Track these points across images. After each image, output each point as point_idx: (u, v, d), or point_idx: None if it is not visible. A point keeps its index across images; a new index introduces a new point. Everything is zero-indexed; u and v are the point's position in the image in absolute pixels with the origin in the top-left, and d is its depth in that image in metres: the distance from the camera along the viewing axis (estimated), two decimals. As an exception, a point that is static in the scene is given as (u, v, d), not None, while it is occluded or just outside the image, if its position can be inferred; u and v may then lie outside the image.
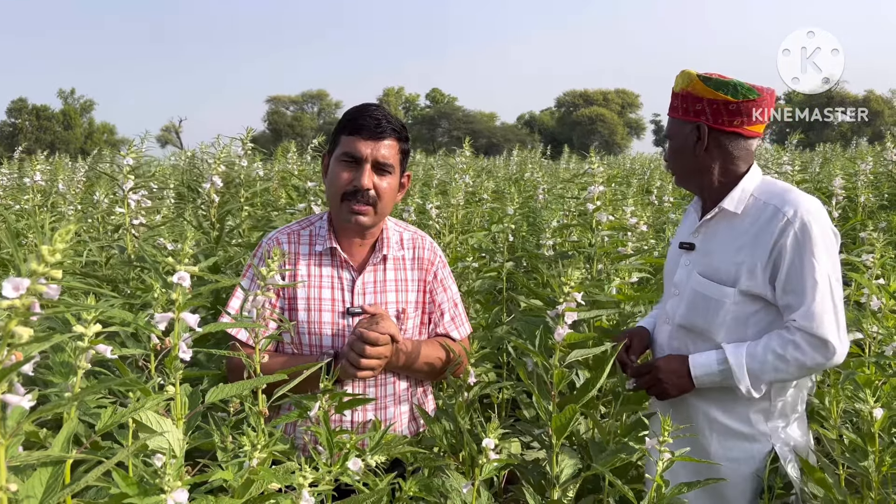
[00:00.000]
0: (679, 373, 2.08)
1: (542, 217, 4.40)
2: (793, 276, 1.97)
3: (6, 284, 0.78)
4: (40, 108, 64.13)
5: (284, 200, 4.54)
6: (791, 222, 1.98)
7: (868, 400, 1.87)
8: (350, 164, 2.08)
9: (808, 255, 1.96)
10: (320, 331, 2.08)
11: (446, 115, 77.87)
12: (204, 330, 1.19)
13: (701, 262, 2.13)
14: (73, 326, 1.05)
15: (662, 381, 2.10)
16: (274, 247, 2.14)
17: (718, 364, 2.04)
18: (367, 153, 2.06)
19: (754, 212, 2.06)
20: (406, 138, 2.17)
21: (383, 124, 2.08)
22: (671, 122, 2.20)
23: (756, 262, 2.01)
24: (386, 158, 2.08)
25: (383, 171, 2.09)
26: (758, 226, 2.03)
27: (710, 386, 2.07)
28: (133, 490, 0.98)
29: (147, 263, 2.98)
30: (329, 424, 1.54)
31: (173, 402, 1.19)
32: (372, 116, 2.09)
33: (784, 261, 1.98)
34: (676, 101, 2.16)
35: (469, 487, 1.63)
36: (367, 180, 2.06)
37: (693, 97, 2.09)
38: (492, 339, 3.22)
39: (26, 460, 0.87)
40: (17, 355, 0.81)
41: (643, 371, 2.16)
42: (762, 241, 2.01)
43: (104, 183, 4.70)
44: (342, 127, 2.13)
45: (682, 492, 1.67)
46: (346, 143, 2.09)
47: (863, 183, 5.22)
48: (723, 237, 2.10)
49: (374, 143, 2.07)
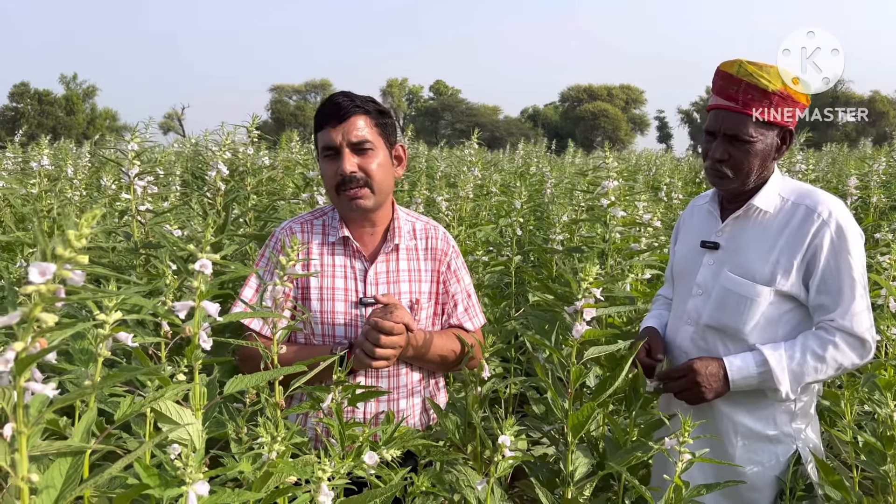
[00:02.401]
0: (717, 376, 2.01)
1: (550, 212, 4.37)
2: (828, 277, 1.94)
3: (33, 269, 0.75)
4: (42, 92, 63.96)
5: (291, 189, 4.51)
6: (826, 223, 1.95)
7: (889, 403, 1.84)
8: (331, 157, 2.07)
9: (845, 255, 1.93)
10: (333, 320, 2.06)
11: (450, 108, 77.70)
12: (225, 319, 1.17)
13: (730, 261, 2.08)
14: (95, 313, 1.02)
15: (700, 385, 2.01)
16: (286, 236, 2.12)
17: (757, 367, 1.98)
18: (339, 139, 2.04)
19: (784, 211, 2.03)
20: (380, 111, 2.13)
21: (344, 105, 2.06)
22: (750, 122, 1.98)
23: (792, 263, 1.97)
24: (359, 137, 2.05)
25: (363, 151, 2.06)
26: (791, 226, 2.00)
27: (745, 389, 2.01)
28: (154, 481, 0.96)
29: (155, 250, 2.96)
30: (342, 417, 1.52)
31: (191, 392, 1.17)
32: (333, 102, 2.08)
33: (819, 261, 1.95)
34: (764, 100, 1.97)
35: (484, 484, 1.61)
36: (348, 165, 2.04)
37: (791, 100, 1.98)
38: (501, 334, 3.19)
39: (47, 450, 0.84)
40: (42, 342, 0.78)
41: (677, 375, 2.07)
42: (796, 241, 1.98)
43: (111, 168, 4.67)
44: (315, 125, 2.13)
45: (701, 493, 1.64)
46: (321, 138, 2.09)
47: (875, 183, 5.19)
48: (752, 236, 2.06)
49: (343, 127, 2.05)
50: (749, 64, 1.98)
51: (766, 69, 1.97)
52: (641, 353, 2.14)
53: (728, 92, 2.01)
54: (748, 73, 1.97)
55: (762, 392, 2.03)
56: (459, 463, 1.97)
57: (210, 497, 1.01)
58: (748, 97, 1.97)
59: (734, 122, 1.99)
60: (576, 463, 1.95)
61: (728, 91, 2.01)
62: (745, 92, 1.98)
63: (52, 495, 0.89)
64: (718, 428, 2.08)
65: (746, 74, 1.97)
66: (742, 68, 1.98)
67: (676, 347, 2.20)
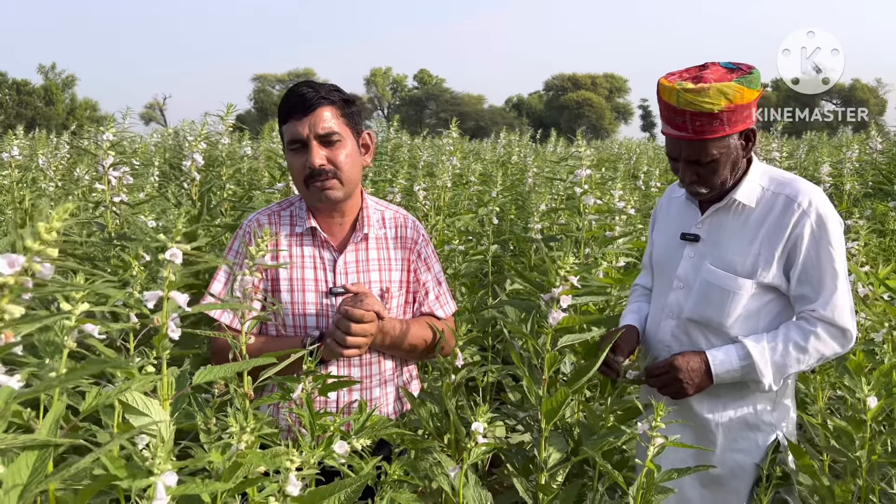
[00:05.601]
0: (699, 371, 2.00)
1: (530, 200, 4.39)
2: (810, 267, 1.95)
3: (1, 260, 0.75)
4: (21, 82, 63.12)
5: (267, 179, 4.49)
6: (807, 213, 1.95)
7: (862, 388, 1.87)
8: (298, 150, 2.05)
9: (826, 246, 1.94)
10: (304, 311, 2.06)
11: (434, 97, 77.47)
12: (193, 310, 1.17)
13: (711, 254, 2.07)
14: (61, 304, 1.02)
15: (682, 381, 2.00)
16: (256, 228, 2.11)
17: (740, 360, 1.98)
18: (306, 132, 2.02)
19: (764, 201, 2.02)
20: (346, 100, 2.10)
21: (309, 96, 2.03)
22: (708, 145, 1.93)
23: (772, 254, 1.97)
24: (327, 129, 2.03)
25: (330, 142, 2.04)
26: (771, 216, 1.99)
27: (729, 381, 2.01)
28: (122, 473, 0.96)
29: (129, 242, 2.94)
30: (312, 407, 1.52)
31: (159, 382, 1.17)
32: (297, 94, 2.05)
33: (800, 251, 1.95)
34: (714, 122, 1.90)
35: (457, 471, 1.62)
36: (317, 159, 2.01)
37: (742, 108, 1.91)
38: (478, 322, 3.21)
39: (12, 444, 0.84)
40: (8, 335, 0.79)
41: (658, 372, 2.06)
42: (776, 231, 1.97)
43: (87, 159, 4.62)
44: (279, 118, 2.10)
45: (673, 477, 1.66)
46: (287, 131, 2.06)
47: (848, 171, 5.25)
48: (733, 227, 2.05)
49: (309, 119, 2.02)
50: (686, 92, 1.89)
51: (704, 91, 1.87)
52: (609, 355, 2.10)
53: (675, 122, 1.95)
54: (689, 102, 1.89)
55: (744, 383, 2.03)
56: (435, 451, 1.98)
57: (179, 487, 1.01)
58: (697, 125, 1.91)
59: (692, 150, 1.96)
60: (549, 449, 1.97)
61: (675, 121, 1.95)
62: (693, 120, 1.91)
63: (18, 490, 0.89)
64: (699, 416, 2.09)
65: (687, 103, 1.89)
66: (682, 97, 1.89)
67: (658, 342, 2.19)
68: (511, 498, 2.21)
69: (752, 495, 2.06)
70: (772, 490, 2.00)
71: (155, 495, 0.94)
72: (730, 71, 1.95)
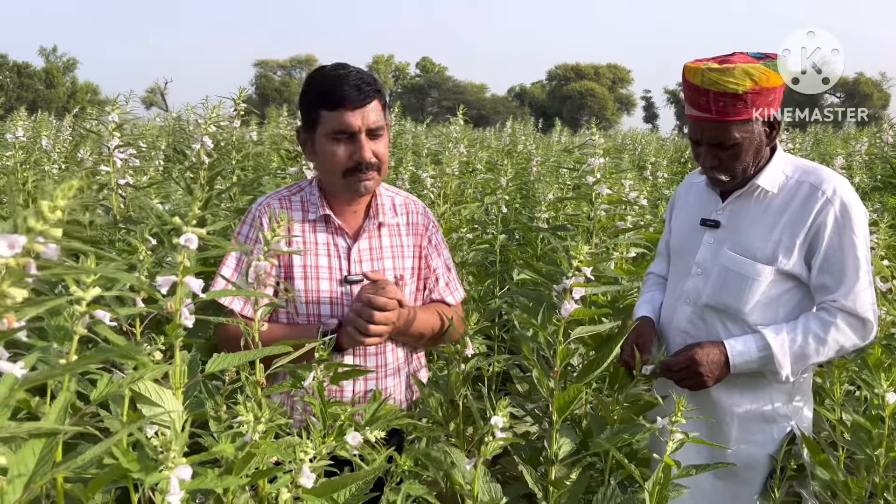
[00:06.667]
0: (718, 363, 1.96)
1: (536, 190, 4.35)
2: (832, 256, 1.92)
3: (1, 241, 0.71)
4: (22, 65, 62.86)
5: (276, 164, 4.45)
6: (830, 201, 1.92)
7: (881, 384, 1.84)
8: (343, 140, 1.97)
9: (849, 235, 1.90)
10: (318, 299, 2.03)
11: (436, 85, 77.28)
12: (208, 296, 1.13)
13: (731, 240, 2.04)
14: (72, 289, 0.99)
15: (703, 375, 1.96)
16: (269, 211, 2.07)
17: (759, 350, 1.95)
18: (359, 124, 1.95)
19: (787, 189, 1.99)
20: (382, 90, 2.06)
21: (364, 89, 1.96)
22: (731, 127, 1.91)
23: (794, 241, 1.94)
24: (377, 123, 1.99)
25: (377, 135, 2.00)
26: (794, 203, 1.96)
27: (746, 372, 1.99)
28: (134, 466, 0.92)
29: (134, 225, 2.91)
30: (324, 396, 1.49)
31: (171, 370, 1.13)
32: (351, 85, 1.95)
33: (822, 240, 1.92)
34: (738, 103, 1.88)
35: (471, 465, 1.59)
36: (368, 153, 1.97)
37: (767, 91, 1.89)
38: (485, 312, 3.18)
39: (16, 432, 0.81)
40: (10, 319, 0.75)
41: (678, 367, 2.01)
42: (799, 219, 1.94)
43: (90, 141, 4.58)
44: (320, 101, 1.98)
45: (691, 474, 1.63)
46: (333, 119, 1.96)
47: (857, 164, 5.21)
48: (754, 214, 2.02)
49: (362, 112, 1.96)
50: (711, 71, 1.88)
51: (729, 71, 1.86)
52: (628, 352, 2.09)
53: (699, 103, 1.93)
54: (713, 82, 1.88)
55: (760, 373, 2.01)
56: (442, 440, 1.96)
57: (192, 481, 0.98)
58: (721, 105, 1.89)
59: (715, 132, 1.94)
60: (560, 442, 1.94)
61: (699, 102, 1.93)
62: (716, 101, 1.89)
63: (23, 479, 0.86)
64: (715, 408, 2.06)
65: (711, 83, 1.88)
66: (706, 77, 1.88)
67: (673, 328, 2.15)
68: (518, 489, 2.18)
69: (766, 487, 2.04)
70: (786, 483, 1.98)
71: (169, 489, 0.91)
72: (757, 59, 1.93)
